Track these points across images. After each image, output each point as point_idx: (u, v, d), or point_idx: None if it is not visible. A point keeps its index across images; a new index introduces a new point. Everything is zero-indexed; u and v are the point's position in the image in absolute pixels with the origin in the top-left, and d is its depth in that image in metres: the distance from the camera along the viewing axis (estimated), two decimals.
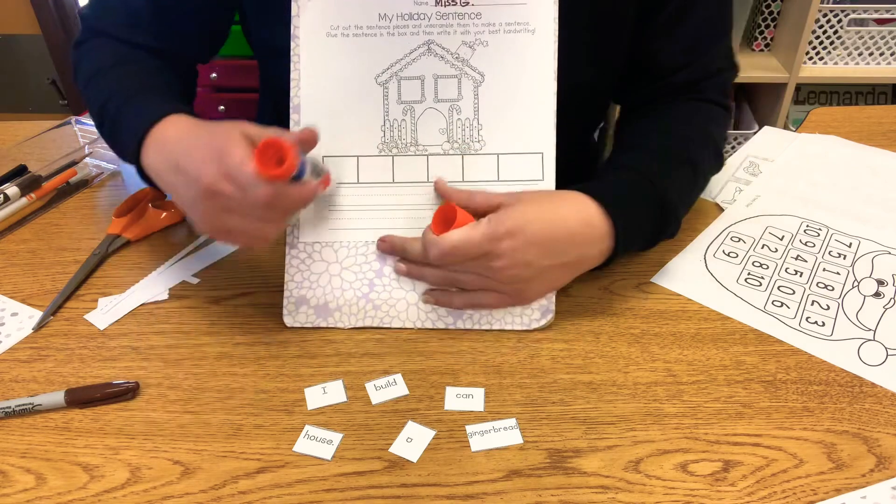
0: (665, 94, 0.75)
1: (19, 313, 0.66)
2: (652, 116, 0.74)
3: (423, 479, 0.50)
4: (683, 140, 0.70)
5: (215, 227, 0.57)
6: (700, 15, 0.72)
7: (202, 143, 0.57)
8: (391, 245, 0.63)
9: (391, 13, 0.62)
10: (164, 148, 0.60)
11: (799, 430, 0.54)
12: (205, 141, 0.57)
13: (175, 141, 0.60)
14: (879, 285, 0.67)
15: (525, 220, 0.58)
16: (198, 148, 0.57)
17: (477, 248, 0.57)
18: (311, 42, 0.63)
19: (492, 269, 0.58)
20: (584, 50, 0.70)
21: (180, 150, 0.58)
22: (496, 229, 0.57)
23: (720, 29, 0.75)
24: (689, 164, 0.69)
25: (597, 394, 0.57)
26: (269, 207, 0.54)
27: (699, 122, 0.73)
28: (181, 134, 0.60)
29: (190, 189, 0.56)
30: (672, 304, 0.66)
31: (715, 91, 0.76)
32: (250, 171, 0.52)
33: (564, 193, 0.61)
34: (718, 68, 0.76)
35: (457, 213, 0.58)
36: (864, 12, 1.70)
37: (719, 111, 0.76)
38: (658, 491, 0.49)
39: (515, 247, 0.57)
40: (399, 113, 0.63)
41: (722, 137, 0.76)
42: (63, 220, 0.79)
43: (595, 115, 0.87)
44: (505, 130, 0.63)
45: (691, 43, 0.73)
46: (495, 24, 0.62)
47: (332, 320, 0.64)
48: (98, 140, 0.88)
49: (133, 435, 0.54)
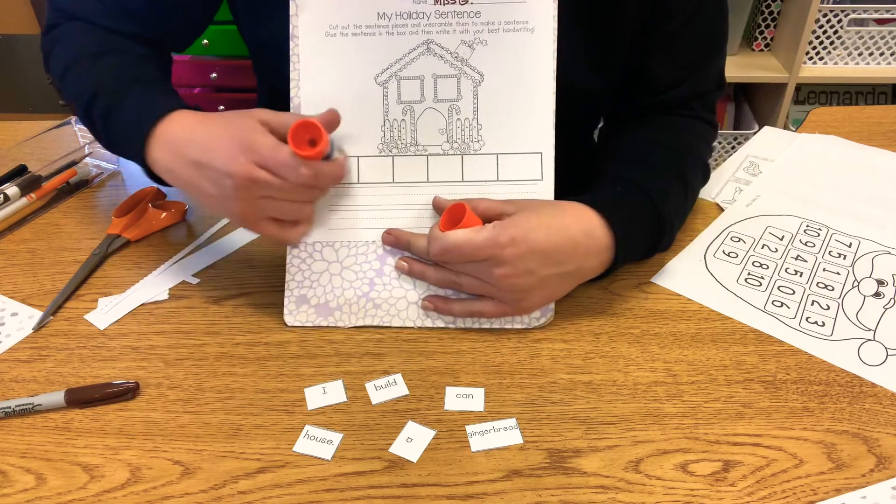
0: (657, 108, 0.76)
1: (19, 313, 0.66)
2: (647, 129, 0.74)
3: (423, 479, 0.50)
4: (678, 156, 0.71)
5: (254, 217, 0.58)
6: (698, 34, 0.72)
7: (220, 137, 0.57)
8: (396, 238, 0.63)
9: (390, 12, 0.62)
10: (176, 147, 0.60)
11: (799, 430, 0.54)
12: (222, 134, 0.57)
13: (186, 139, 0.59)
14: (879, 285, 0.67)
15: (528, 228, 0.58)
16: (217, 143, 0.57)
17: (478, 250, 0.57)
18: (310, 41, 0.63)
19: (493, 276, 0.59)
20: (583, 54, 0.70)
21: (197, 148, 0.58)
22: (499, 235, 0.57)
23: (716, 49, 0.76)
24: (684, 179, 0.69)
25: (597, 394, 0.57)
26: (308, 187, 0.57)
27: (691, 139, 0.74)
28: (191, 131, 0.60)
29: (220, 185, 0.56)
30: (672, 304, 0.66)
31: (705, 109, 0.77)
32: (287, 155, 0.54)
33: (567, 204, 0.62)
34: (710, 88, 0.77)
35: (465, 212, 0.59)
36: (864, 12, 1.70)
37: (708, 128, 0.77)
38: (658, 491, 0.49)
39: (518, 254, 0.57)
40: (399, 113, 0.63)
41: (709, 154, 0.77)
42: (63, 220, 0.79)
43: (594, 117, 0.87)
44: (504, 130, 0.63)
45: (688, 61, 0.74)
46: (494, 23, 0.62)
47: (333, 319, 0.64)
48: None
49: (133, 435, 0.54)
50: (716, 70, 0.76)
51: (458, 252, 0.58)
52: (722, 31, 0.75)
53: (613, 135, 0.78)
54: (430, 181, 0.63)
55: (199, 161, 0.57)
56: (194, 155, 0.58)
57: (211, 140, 0.57)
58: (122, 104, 0.65)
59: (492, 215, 0.60)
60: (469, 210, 0.59)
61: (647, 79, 0.74)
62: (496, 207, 0.60)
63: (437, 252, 0.59)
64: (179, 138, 0.60)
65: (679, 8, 0.70)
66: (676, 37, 0.71)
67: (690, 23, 0.71)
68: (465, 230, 0.58)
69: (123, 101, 0.65)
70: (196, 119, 0.61)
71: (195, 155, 0.58)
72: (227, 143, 0.56)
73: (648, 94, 0.75)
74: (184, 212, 0.78)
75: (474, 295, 0.62)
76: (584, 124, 0.87)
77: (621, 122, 0.78)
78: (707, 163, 0.75)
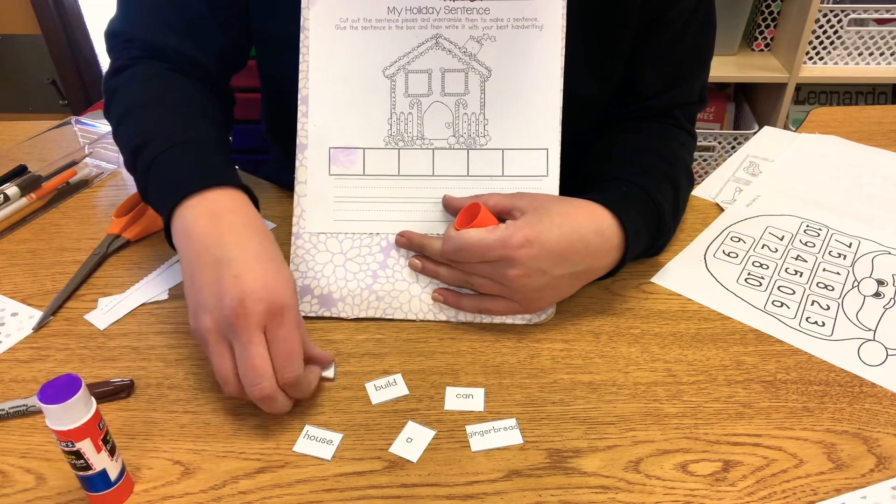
0: (641, 114, 0.77)
1: (19, 313, 0.66)
2: (636, 135, 0.75)
3: (423, 480, 0.50)
4: (668, 162, 0.71)
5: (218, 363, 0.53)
6: (688, 46, 0.74)
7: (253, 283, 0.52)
8: (409, 240, 0.63)
9: (400, 6, 0.62)
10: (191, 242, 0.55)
11: (799, 430, 0.54)
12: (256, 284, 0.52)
13: (203, 245, 0.54)
14: (879, 285, 0.67)
15: (541, 229, 0.58)
16: (247, 290, 0.51)
17: (490, 250, 0.58)
18: (320, 34, 0.63)
19: (507, 277, 0.59)
20: (585, 61, 0.70)
21: (228, 267, 0.52)
22: (513, 236, 0.57)
23: (701, 62, 0.77)
24: (675, 185, 0.70)
25: (597, 394, 0.57)
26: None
27: (677, 147, 0.75)
28: (227, 236, 0.54)
29: (221, 321, 0.52)
30: (672, 304, 0.66)
31: (686, 119, 0.78)
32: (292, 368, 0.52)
33: (579, 202, 0.62)
34: (692, 100, 0.78)
35: (480, 211, 0.59)
36: (864, 12, 1.70)
37: (689, 138, 0.78)
38: (658, 491, 0.49)
39: (531, 255, 0.58)
40: (406, 106, 0.63)
41: (691, 162, 0.78)
42: (63, 220, 0.79)
43: (592, 122, 0.87)
44: (511, 125, 0.63)
45: (676, 71, 0.75)
46: (503, 19, 0.62)
47: (336, 310, 0.64)
48: (98, 140, 0.88)
49: (133, 435, 0.54)
50: (699, 83, 0.78)
51: (470, 252, 0.58)
52: (709, 45, 0.77)
53: (600, 137, 0.78)
54: (436, 175, 0.64)
55: (227, 261, 0.53)
56: (222, 266, 0.53)
57: (244, 276, 0.52)
58: (164, 159, 0.60)
59: (502, 209, 0.61)
60: (484, 209, 0.59)
61: (634, 84, 0.75)
62: (506, 202, 0.61)
63: (450, 251, 0.60)
64: (207, 232, 0.55)
65: (673, 19, 0.71)
66: (667, 46, 0.73)
67: (681, 34, 0.72)
68: (479, 230, 0.58)
69: (166, 158, 0.60)
70: (237, 224, 0.56)
71: (224, 270, 0.52)
72: (275, 274, 0.52)
73: (634, 98, 0.76)
74: None
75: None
76: (583, 129, 0.87)
77: (607, 125, 0.78)
78: (691, 171, 0.76)
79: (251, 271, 0.52)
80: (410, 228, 0.64)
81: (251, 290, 0.51)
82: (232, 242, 0.54)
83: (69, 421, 0.44)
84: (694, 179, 0.77)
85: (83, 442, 0.45)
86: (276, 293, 0.52)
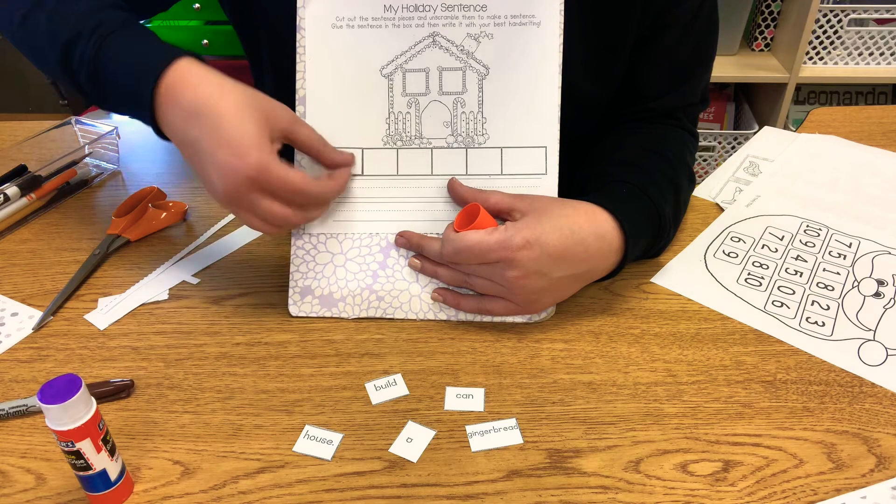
0: (644, 115, 0.76)
1: (19, 313, 0.66)
2: (639, 137, 0.75)
3: (423, 480, 0.50)
4: (670, 164, 0.71)
5: (240, 208, 0.58)
6: (690, 48, 0.74)
7: (233, 126, 0.54)
8: (408, 241, 0.63)
9: (396, 5, 0.62)
10: (179, 113, 0.56)
11: (799, 430, 0.54)
12: (236, 123, 0.54)
13: (193, 110, 0.55)
14: (879, 285, 0.67)
15: (541, 231, 0.58)
16: (226, 136, 0.54)
17: (490, 252, 0.58)
18: (317, 33, 0.63)
19: (506, 279, 0.59)
20: (586, 64, 0.70)
21: (209, 123, 0.54)
22: (512, 238, 0.57)
23: (703, 64, 0.77)
24: (677, 187, 0.70)
25: (597, 394, 0.57)
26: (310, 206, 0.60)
27: (680, 148, 0.75)
28: (201, 99, 0.55)
29: (212, 178, 0.56)
30: (672, 304, 0.66)
31: (689, 120, 0.78)
32: (297, 181, 0.56)
33: (579, 204, 0.61)
34: (695, 101, 0.78)
35: (479, 212, 0.59)
36: (864, 12, 1.70)
37: (692, 139, 0.78)
38: (658, 491, 0.49)
39: (531, 257, 0.58)
40: (404, 105, 0.63)
41: (693, 164, 0.78)
42: (63, 220, 0.79)
43: (592, 124, 0.87)
44: (509, 124, 0.63)
45: (679, 73, 0.75)
46: (500, 16, 0.62)
47: (337, 310, 0.64)
48: (98, 140, 0.88)
49: (133, 435, 0.54)
50: (702, 84, 0.78)
51: (469, 254, 0.58)
52: (712, 46, 0.77)
53: (601, 139, 0.78)
54: (434, 174, 0.64)
55: (200, 148, 0.55)
56: (195, 135, 0.55)
57: (220, 128, 0.54)
58: (116, 47, 0.59)
59: (503, 208, 0.60)
60: (483, 211, 0.59)
61: (637, 86, 0.75)
62: (507, 202, 0.61)
63: (450, 253, 0.59)
64: (185, 103, 0.56)
65: (676, 21, 0.71)
66: (670, 48, 0.72)
67: (684, 36, 0.72)
68: (478, 232, 0.58)
69: (117, 44, 0.59)
70: (205, 78, 0.56)
71: (197, 136, 0.55)
72: (236, 147, 0.54)
73: (637, 100, 0.76)
74: (184, 212, 0.78)
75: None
76: (584, 129, 0.87)
77: (608, 126, 0.78)
78: (693, 172, 0.76)
79: (219, 149, 0.54)
80: (410, 228, 0.64)
81: (226, 172, 0.55)
82: (197, 116, 0.55)
83: (69, 421, 0.44)
84: (695, 180, 0.77)
85: (83, 442, 0.45)
86: (246, 161, 0.54)
